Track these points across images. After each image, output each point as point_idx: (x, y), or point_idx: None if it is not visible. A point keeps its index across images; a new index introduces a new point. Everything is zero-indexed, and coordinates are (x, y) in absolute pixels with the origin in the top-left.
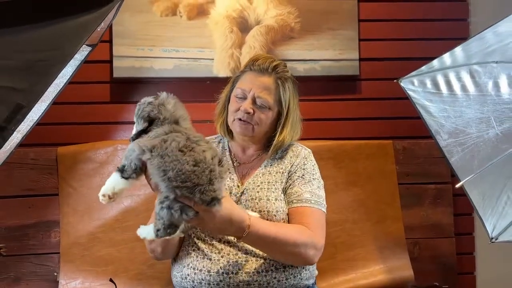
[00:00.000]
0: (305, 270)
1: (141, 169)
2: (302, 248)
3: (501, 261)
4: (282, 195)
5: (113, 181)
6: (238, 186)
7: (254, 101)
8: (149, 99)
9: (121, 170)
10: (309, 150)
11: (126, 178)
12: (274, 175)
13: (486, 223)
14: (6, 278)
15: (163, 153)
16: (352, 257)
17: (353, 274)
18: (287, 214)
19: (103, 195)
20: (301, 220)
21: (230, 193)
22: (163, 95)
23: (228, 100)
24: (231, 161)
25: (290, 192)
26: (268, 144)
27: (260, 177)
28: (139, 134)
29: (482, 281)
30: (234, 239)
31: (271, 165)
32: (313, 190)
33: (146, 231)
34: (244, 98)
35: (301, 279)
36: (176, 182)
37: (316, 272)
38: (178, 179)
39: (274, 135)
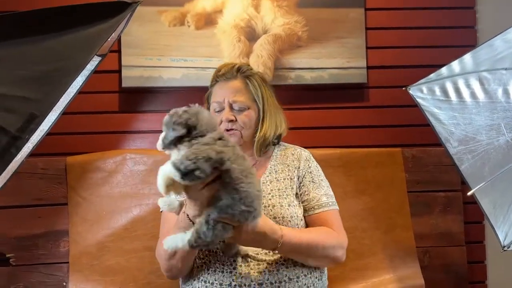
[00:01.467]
0: (318, 281)
1: (207, 176)
2: (331, 250)
3: None
4: (295, 201)
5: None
6: None
7: (231, 108)
8: (183, 108)
9: (184, 173)
10: (307, 151)
11: (184, 179)
12: (283, 182)
13: (498, 231)
14: None
15: (240, 168)
16: (362, 266)
17: (363, 283)
18: (305, 220)
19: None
20: (326, 224)
21: None
22: (196, 106)
23: None
24: None
25: (308, 198)
26: (261, 147)
27: (269, 185)
28: (177, 140)
29: None
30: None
31: (275, 172)
32: (326, 192)
33: (176, 241)
34: (222, 109)
35: None
36: (241, 205)
37: (327, 282)
38: (244, 202)
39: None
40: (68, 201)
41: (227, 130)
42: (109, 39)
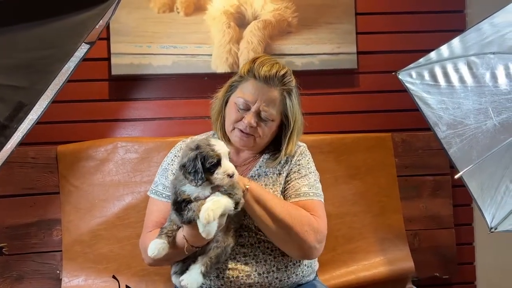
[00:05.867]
0: (307, 267)
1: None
2: (299, 226)
3: (500, 250)
4: (281, 196)
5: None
6: None
7: (258, 114)
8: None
9: (237, 202)
10: (304, 144)
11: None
12: (271, 177)
13: (485, 213)
14: (9, 277)
15: None
16: (352, 249)
17: (354, 266)
18: None
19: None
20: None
21: None
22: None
23: (225, 103)
24: None
25: (288, 187)
26: (264, 149)
27: (257, 179)
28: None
29: (481, 270)
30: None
31: (266, 166)
32: (310, 183)
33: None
34: (246, 109)
35: (303, 276)
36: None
37: (317, 266)
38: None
39: (274, 144)
40: (60, 190)
41: (241, 132)
42: (97, 26)
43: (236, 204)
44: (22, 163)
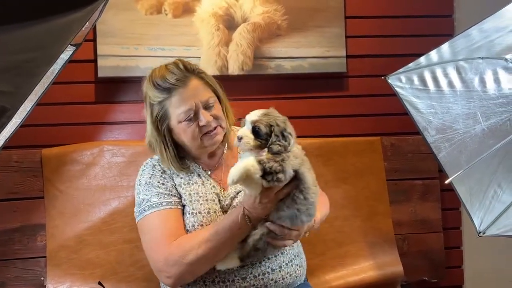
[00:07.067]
0: (299, 267)
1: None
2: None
3: (488, 254)
4: None
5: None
6: (222, 191)
7: (205, 108)
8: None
9: (267, 172)
10: None
11: (264, 178)
12: None
13: (474, 218)
14: None
15: (313, 178)
16: (342, 253)
17: (343, 271)
18: None
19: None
20: None
21: (219, 201)
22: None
23: (168, 136)
24: (203, 172)
25: None
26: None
27: None
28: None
29: (469, 274)
30: None
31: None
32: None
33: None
34: (195, 114)
35: (296, 277)
36: (304, 215)
37: (306, 266)
38: (308, 212)
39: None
40: (45, 194)
41: (208, 132)
42: (83, 28)
43: (268, 174)
44: (6, 167)
